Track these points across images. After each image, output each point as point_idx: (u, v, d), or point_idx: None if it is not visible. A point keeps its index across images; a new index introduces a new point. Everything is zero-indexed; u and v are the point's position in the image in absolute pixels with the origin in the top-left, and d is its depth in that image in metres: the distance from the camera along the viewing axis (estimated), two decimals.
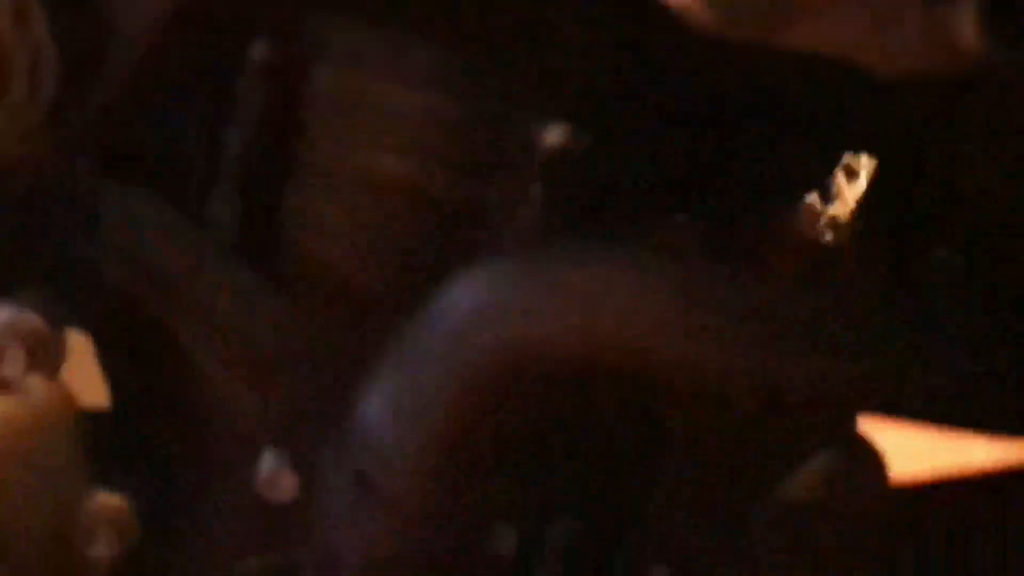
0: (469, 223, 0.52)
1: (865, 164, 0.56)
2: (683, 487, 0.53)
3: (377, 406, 0.44)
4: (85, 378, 0.53)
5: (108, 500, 0.54)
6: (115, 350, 0.53)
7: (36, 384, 0.51)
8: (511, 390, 0.44)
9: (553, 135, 0.52)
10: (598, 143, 0.53)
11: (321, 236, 0.54)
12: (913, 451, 0.60)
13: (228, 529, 0.54)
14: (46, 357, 0.51)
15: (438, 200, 0.53)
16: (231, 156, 0.52)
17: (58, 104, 0.47)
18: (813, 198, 0.58)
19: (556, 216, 0.51)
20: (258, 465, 0.52)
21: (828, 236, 0.58)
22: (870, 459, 0.57)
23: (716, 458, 0.51)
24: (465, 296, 0.43)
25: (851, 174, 0.56)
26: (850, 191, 0.55)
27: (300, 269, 0.54)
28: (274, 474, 0.52)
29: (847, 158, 0.55)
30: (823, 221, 0.59)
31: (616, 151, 0.54)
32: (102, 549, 0.54)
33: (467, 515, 0.45)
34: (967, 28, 0.41)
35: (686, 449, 0.51)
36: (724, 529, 0.57)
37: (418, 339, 0.44)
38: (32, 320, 0.51)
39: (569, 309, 0.43)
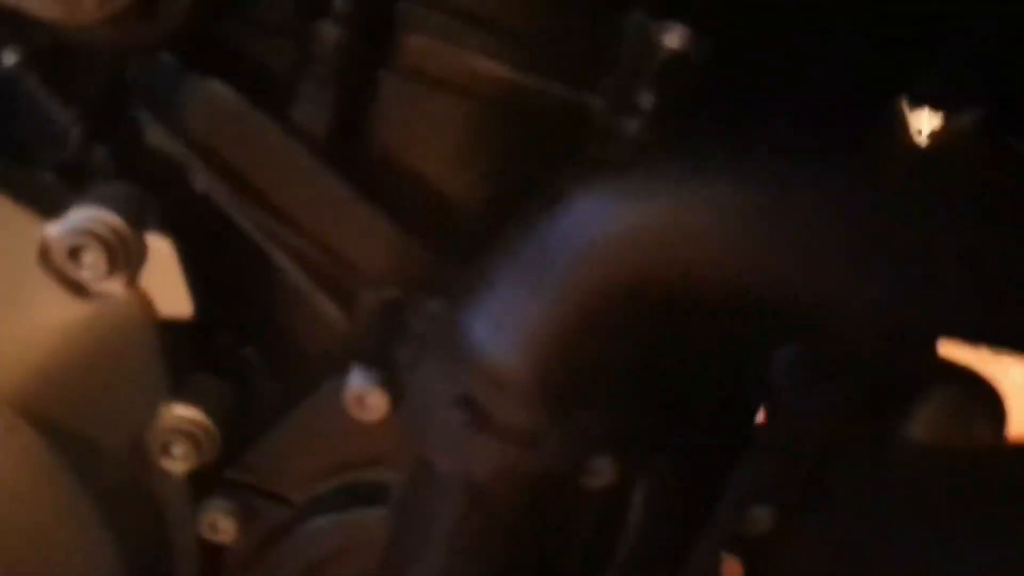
0: (571, 131, 0.49)
1: None
2: (789, 425, 0.50)
3: (484, 328, 0.41)
4: (167, 285, 0.50)
5: (186, 412, 0.51)
6: (199, 258, 0.50)
7: (114, 289, 0.49)
8: (626, 317, 0.41)
9: (673, 38, 0.48)
10: (719, 50, 0.49)
11: (411, 141, 0.51)
12: None
13: (312, 448, 0.51)
14: (126, 261, 0.48)
15: (537, 105, 0.49)
16: (322, 54, 0.49)
17: None
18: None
19: (667, 127, 0.47)
20: (346, 383, 0.49)
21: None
22: (990, 400, 0.54)
23: (829, 396, 0.48)
24: (586, 215, 0.40)
25: None
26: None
27: (391, 178, 0.51)
28: (362, 392, 0.49)
29: None
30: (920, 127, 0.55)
31: (737, 58, 0.50)
32: (178, 462, 0.52)
33: (570, 444, 0.42)
34: None
35: (794, 389, 0.48)
36: (830, 469, 0.54)
37: (531, 257, 0.41)
38: (113, 220, 0.48)
39: (699, 237, 0.39)
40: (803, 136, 0.48)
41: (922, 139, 0.58)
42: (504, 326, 0.40)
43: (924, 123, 0.59)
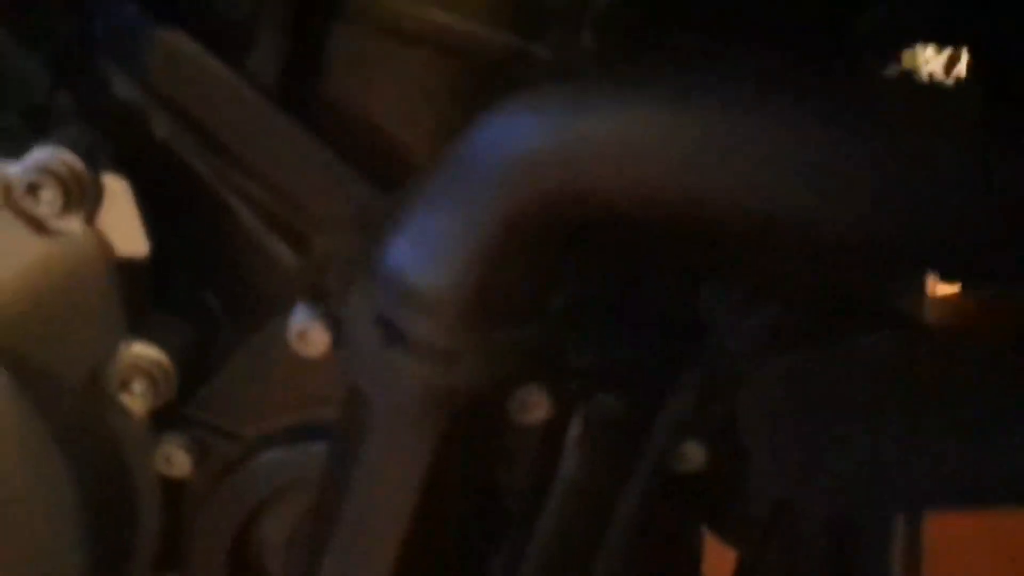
0: (515, 76, 0.50)
1: None
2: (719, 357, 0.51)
3: (401, 249, 0.42)
4: (123, 225, 0.52)
5: (144, 351, 0.53)
6: (159, 202, 0.53)
7: (72, 226, 0.51)
8: (545, 235, 0.42)
9: None
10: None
11: (363, 88, 0.52)
12: None
13: (261, 385, 0.53)
14: (83, 200, 0.51)
15: (483, 53, 0.51)
16: (275, 4, 0.51)
17: None
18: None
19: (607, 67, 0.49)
20: (290, 319, 0.51)
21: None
22: None
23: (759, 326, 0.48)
24: (500, 133, 0.41)
25: None
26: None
27: (344, 124, 0.53)
28: (305, 328, 0.51)
29: None
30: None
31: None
32: (137, 400, 0.54)
33: (488, 363, 0.43)
34: None
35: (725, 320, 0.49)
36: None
37: (447, 177, 0.42)
38: (70, 160, 0.50)
39: (618, 156, 0.40)
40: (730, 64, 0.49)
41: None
42: (420, 244, 0.42)
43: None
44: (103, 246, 0.52)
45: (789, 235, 0.43)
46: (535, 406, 0.52)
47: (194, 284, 0.56)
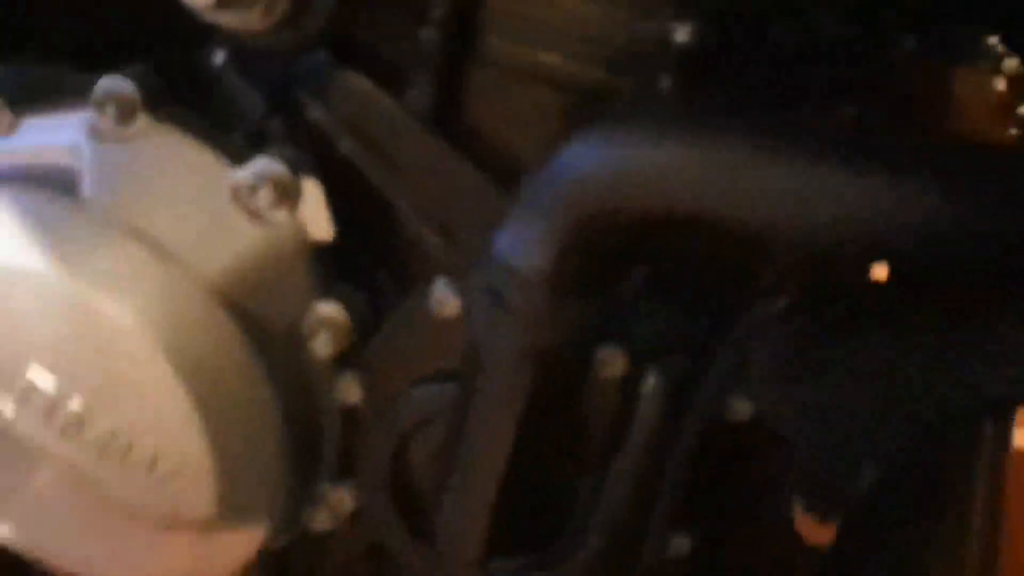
0: (603, 105, 0.65)
1: None
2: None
3: (508, 237, 0.58)
4: (316, 217, 0.70)
5: (329, 309, 0.71)
6: (339, 198, 0.70)
7: (280, 218, 0.69)
8: (606, 238, 0.57)
9: (682, 34, 0.64)
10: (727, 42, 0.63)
11: (491, 115, 0.68)
12: None
13: (412, 338, 0.70)
14: (288, 198, 0.69)
15: (581, 87, 0.66)
16: (425, 53, 0.67)
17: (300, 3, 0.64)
18: None
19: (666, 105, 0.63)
20: (432, 290, 0.68)
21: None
22: None
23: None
24: (570, 162, 0.57)
25: None
26: None
27: (480, 145, 0.69)
28: (443, 297, 0.68)
29: None
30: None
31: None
32: (322, 346, 0.72)
33: (568, 325, 0.58)
34: None
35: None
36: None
37: (538, 187, 0.58)
38: (279, 168, 0.68)
39: (642, 183, 0.55)
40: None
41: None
42: (519, 235, 0.57)
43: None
44: (301, 232, 0.70)
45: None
46: (613, 363, 0.65)
47: (367, 263, 0.73)
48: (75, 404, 0.69)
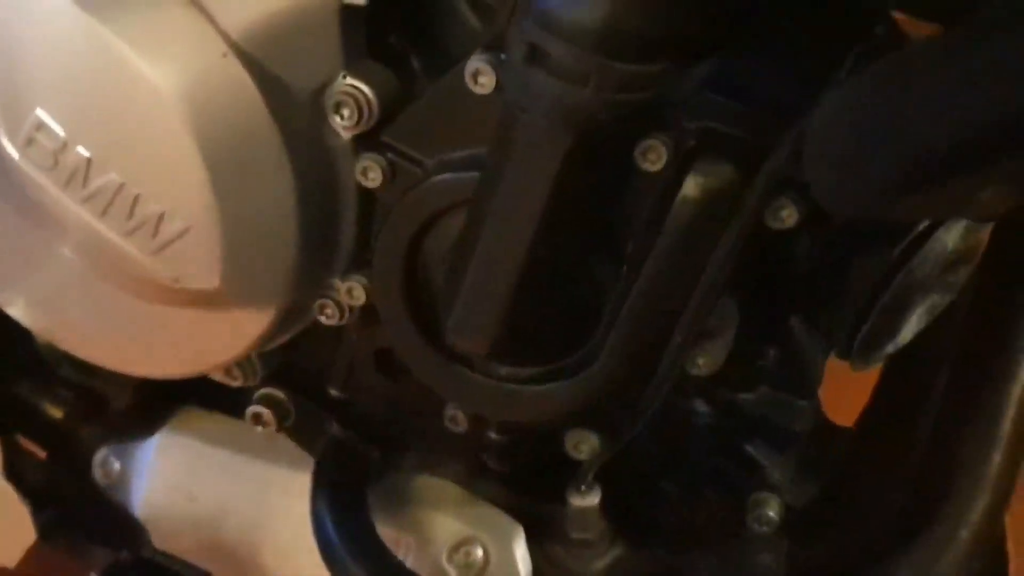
0: None
1: None
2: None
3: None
4: None
5: (355, 83, 0.66)
6: None
7: None
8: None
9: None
10: None
11: None
12: None
13: (443, 120, 0.66)
14: None
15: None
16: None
17: None
18: None
19: None
20: (467, 64, 0.63)
21: None
22: None
23: None
24: None
25: None
26: None
27: None
28: (478, 69, 0.63)
29: None
30: None
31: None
32: (345, 122, 0.68)
33: (613, 89, 0.54)
34: None
35: None
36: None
37: None
38: None
39: None
40: None
41: None
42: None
43: None
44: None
45: None
46: (656, 156, 0.61)
47: (402, 44, 0.69)
48: (83, 149, 0.65)
